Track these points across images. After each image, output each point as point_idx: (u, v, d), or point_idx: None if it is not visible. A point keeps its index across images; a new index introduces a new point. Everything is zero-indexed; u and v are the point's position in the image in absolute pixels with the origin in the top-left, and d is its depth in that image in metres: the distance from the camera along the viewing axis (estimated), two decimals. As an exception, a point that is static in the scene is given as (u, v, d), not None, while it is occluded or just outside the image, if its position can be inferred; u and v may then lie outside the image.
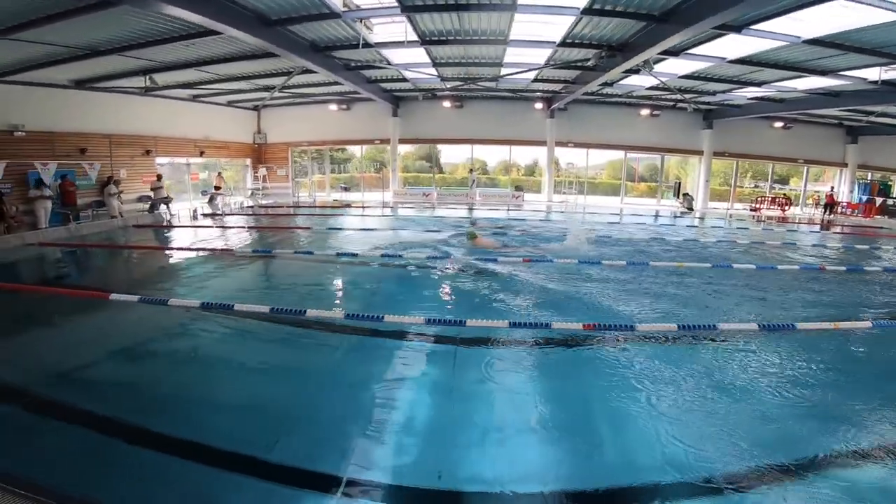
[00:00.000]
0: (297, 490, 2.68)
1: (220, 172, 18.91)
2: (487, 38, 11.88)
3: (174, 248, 10.53)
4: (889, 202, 19.92)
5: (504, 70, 15.11)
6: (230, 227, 13.31)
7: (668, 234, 12.62)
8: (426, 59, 13.96)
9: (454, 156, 27.77)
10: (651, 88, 16.41)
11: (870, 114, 16.90)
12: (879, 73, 11.77)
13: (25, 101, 12.58)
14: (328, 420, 3.40)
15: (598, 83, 14.65)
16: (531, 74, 15.61)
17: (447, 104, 20.23)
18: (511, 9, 9.54)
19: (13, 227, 11.14)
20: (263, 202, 19.37)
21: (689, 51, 11.38)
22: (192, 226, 13.62)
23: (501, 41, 11.91)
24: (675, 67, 13.26)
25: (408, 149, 24.24)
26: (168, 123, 16.79)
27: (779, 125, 19.67)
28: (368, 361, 4.41)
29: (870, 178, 21.91)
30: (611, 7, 9.34)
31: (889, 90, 12.84)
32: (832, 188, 20.30)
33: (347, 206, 18.56)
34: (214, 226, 13.63)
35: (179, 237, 12.20)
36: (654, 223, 15.67)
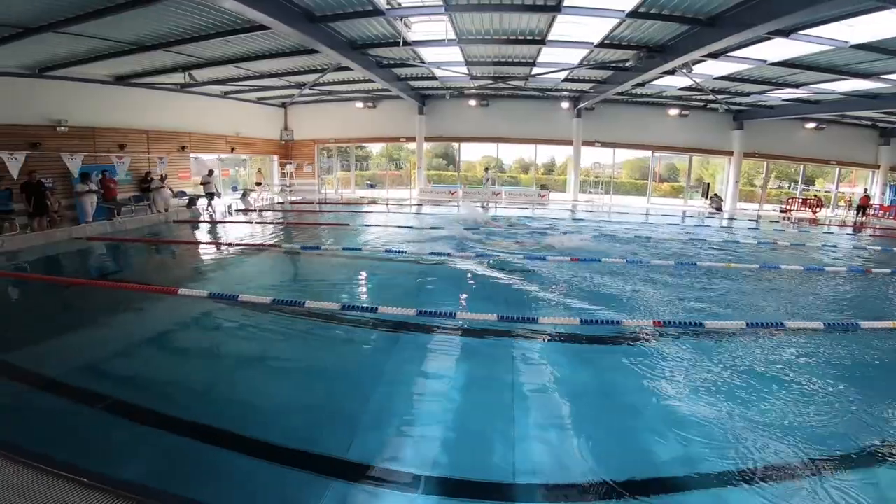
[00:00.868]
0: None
1: (260, 169, 19.22)
2: (525, 38, 11.90)
3: (224, 244, 10.62)
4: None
5: (535, 70, 15.09)
6: (270, 223, 13.41)
7: (706, 235, 12.60)
8: (459, 58, 14.00)
9: (471, 154, 27.72)
10: (683, 89, 16.28)
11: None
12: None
13: (68, 97, 12.87)
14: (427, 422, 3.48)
15: (633, 84, 14.56)
16: (562, 74, 15.58)
17: (473, 102, 20.26)
18: (555, 10, 9.54)
19: (56, 221, 11.41)
20: (292, 198, 19.58)
21: (731, 53, 11.29)
22: (233, 221, 13.81)
23: (539, 41, 11.92)
24: (713, 69, 13.15)
25: (425, 147, 24.19)
26: (202, 120, 17.07)
27: (811, 126, 19.39)
28: (449, 360, 4.46)
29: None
30: (656, 10, 9.31)
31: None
32: (865, 190, 19.96)
33: (373, 203, 18.71)
34: (254, 222, 13.73)
35: (222, 232, 12.38)
36: (689, 224, 15.57)
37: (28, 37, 9.11)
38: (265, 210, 16.21)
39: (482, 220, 13.56)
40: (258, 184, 17.90)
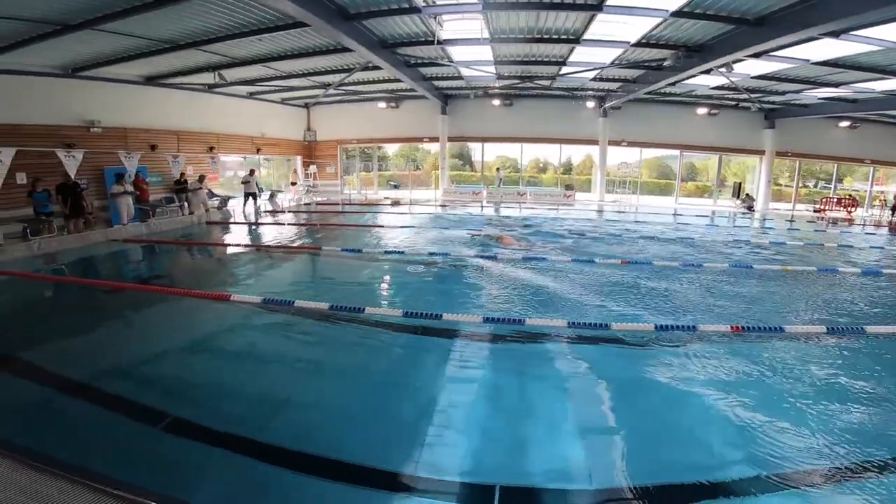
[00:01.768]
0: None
1: (295, 169, 19.29)
2: (558, 38, 11.72)
3: (264, 247, 10.38)
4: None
5: (565, 69, 14.88)
6: (304, 225, 13.28)
7: (749, 237, 12.33)
8: (489, 57, 13.85)
9: (486, 154, 27.38)
10: (716, 88, 15.95)
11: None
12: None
13: (100, 98, 12.93)
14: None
15: (667, 83, 14.28)
16: (590, 74, 15.35)
17: (496, 102, 20.08)
18: (596, 9, 9.35)
19: (90, 223, 11.46)
20: (317, 199, 19.58)
21: (774, 52, 10.98)
22: (267, 223, 13.77)
23: (573, 40, 11.73)
24: (751, 68, 12.83)
25: (438, 146, 23.91)
26: (228, 120, 17.14)
27: (844, 125, 18.90)
28: (503, 367, 4.32)
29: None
30: (702, 10, 9.07)
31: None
32: (901, 188, 19.44)
33: (398, 204, 18.64)
34: (288, 223, 13.61)
35: (259, 234, 12.33)
36: (727, 224, 15.26)
37: (67, 34, 9.08)
38: (292, 211, 16.20)
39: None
40: (293, 183, 17.94)
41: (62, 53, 10.86)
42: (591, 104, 19.48)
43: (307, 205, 17.98)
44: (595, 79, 16.33)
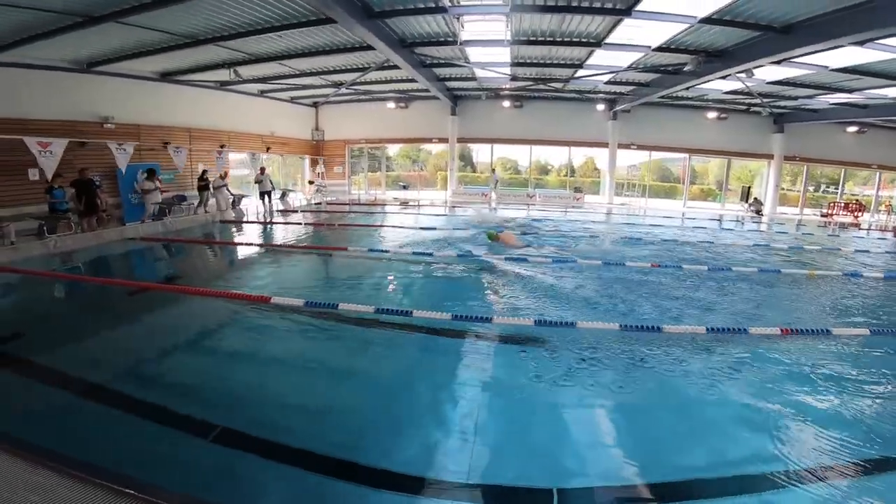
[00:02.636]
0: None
1: (318, 171, 19.33)
2: (579, 41, 11.70)
3: (286, 246, 10.18)
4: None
5: (581, 72, 14.88)
6: (320, 225, 13.12)
7: (765, 241, 12.32)
8: (506, 59, 13.81)
9: (485, 155, 27.26)
10: (729, 92, 16.01)
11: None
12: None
13: (114, 93, 12.76)
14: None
15: (682, 87, 14.32)
16: (606, 77, 15.36)
17: (507, 104, 20.07)
18: (624, 14, 9.33)
19: (104, 220, 11.29)
20: (327, 199, 19.47)
21: (795, 59, 11.02)
22: (282, 222, 13.64)
23: (594, 44, 11.71)
24: (767, 73, 12.87)
25: (441, 147, 23.91)
26: (239, 118, 17.01)
27: (852, 129, 19.04)
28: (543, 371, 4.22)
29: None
30: (730, 17, 9.09)
31: None
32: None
33: (406, 204, 18.57)
34: (304, 223, 13.43)
35: (277, 233, 12.21)
36: (740, 229, 15.25)
37: (90, 26, 8.88)
38: (304, 211, 16.09)
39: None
40: (311, 182, 17.82)
41: (79, 47, 10.68)
42: (601, 107, 19.51)
43: (318, 204, 17.87)
44: (609, 82, 16.34)
